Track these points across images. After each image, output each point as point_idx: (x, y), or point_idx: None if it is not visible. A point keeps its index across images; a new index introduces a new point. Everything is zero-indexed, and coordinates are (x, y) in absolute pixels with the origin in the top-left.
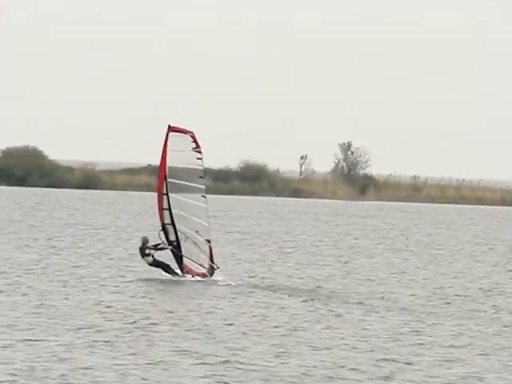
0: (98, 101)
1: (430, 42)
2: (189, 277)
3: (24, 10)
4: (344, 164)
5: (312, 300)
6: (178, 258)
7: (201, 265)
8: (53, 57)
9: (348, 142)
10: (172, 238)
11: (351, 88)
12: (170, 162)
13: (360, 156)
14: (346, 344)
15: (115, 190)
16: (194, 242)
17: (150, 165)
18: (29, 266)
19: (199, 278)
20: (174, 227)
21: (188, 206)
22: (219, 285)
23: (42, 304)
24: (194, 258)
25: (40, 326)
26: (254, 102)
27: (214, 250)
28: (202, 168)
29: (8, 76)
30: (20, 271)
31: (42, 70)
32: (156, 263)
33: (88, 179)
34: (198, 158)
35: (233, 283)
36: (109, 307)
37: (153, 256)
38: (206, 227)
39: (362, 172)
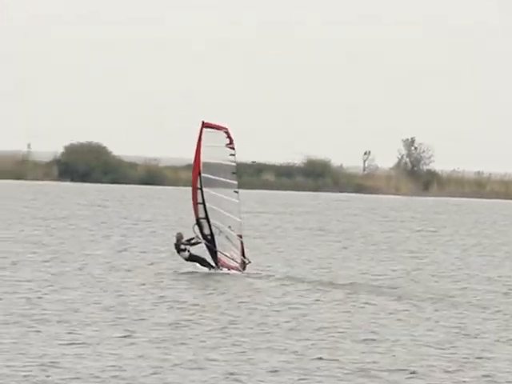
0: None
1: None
2: (224, 270)
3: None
4: (407, 160)
5: (390, 297)
6: (213, 252)
7: (233, 259)
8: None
9: (411, 138)
10: (206, 231)
11: (415, 84)
12: (203, 158)
13: (423, 152)
14: (428, 340)
15: (178, 185)
16: (227, 237)
17: None
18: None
19: (234, 272)
20: (208, 221)
21: (221, 201)
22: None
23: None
24: (227, 252)
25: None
26: (318, 99)
27: (245, 245)
28: (234, 164)
29: (75, 71)
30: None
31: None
32: (192, 258)
33: (151, 175)
34: (231, 154)
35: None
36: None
37: (189, 251)
38: (237, 222)
39: (425, 168)
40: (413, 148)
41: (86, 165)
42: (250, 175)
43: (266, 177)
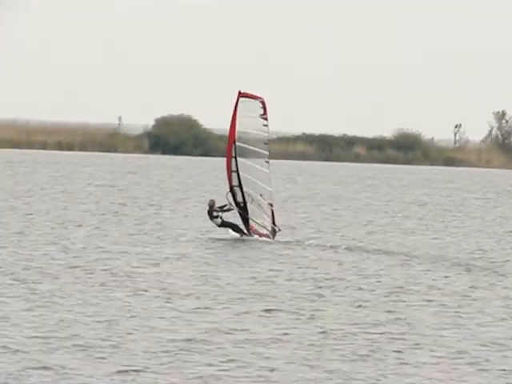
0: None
1: None
2: (256, 237)
3: None
4: (498, 133)
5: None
6: (245, 219)
7: (264, 227)
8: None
9: (502, 111)
10: (239, 199)
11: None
12: (238, 127)
13: None
14: None
15: (270, 158)
16: (259, 205)
17: (304, 133)
18: None
19: (264, 239)
20: (242, 189)
21: (253, 170)
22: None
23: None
24: (259, 219)
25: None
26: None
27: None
28: (267, 134)
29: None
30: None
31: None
32: (225, 224)
33: (241, 147)
34: (264, 125)
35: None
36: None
37: (221, 218)
38: (268, 191)
39: None
40: (504, 121)
41: (176, 138)
42: (342, 148)
43: (356, 150)
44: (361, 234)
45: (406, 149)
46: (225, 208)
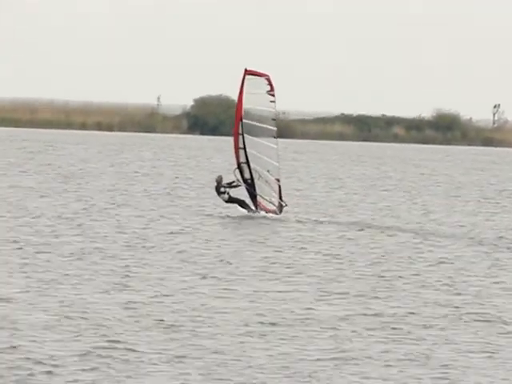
0: (291, 51)
1: None
2: (262, 213)
3: None
4: None
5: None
6: (252, 196)
7: (271, 202)
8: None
9: None
10: (247, 176)
11: None
12: (245, 104)
13: None
14: None
15: (307, 139)
16: (266, 181)
17: (343, 114)
18: None
19: (271, 215)
20: (249, 166)
21: (260, 146)
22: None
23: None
24: (266, 195)
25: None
26: (447, 49)
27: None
28: (274, 110)
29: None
30: None
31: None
32: (232, 200)
33: (280, 128)
34: (272, 101)
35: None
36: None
37: (228, 193)
38: (276, 167)
39: None
40: None
41: (215, 118)
42: (380, 128)
43: (395, 130)
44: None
45: (444, 129)
46: (233, 184)
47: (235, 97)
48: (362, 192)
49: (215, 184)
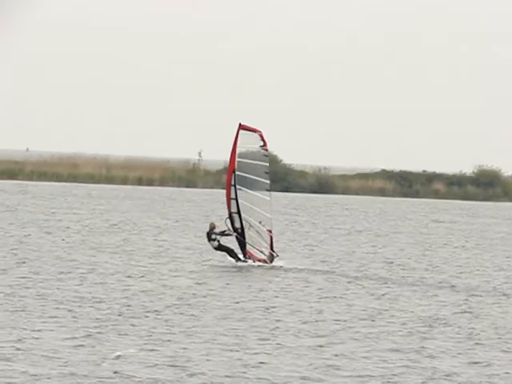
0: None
1: None
2: (250, 262)
3: None
4: None
5: None
6: (242, 244)
7: (262, 252)
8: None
9: None
10: (237, 225)
11: None
12: (239, 157)
13: None
14: None
15: (348, 194)
16: (257, 231)
17: (384, 170)
18: None
19: (260, 264)
20: (240, 216)
21: (253, 198)
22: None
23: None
24: (256, 245)
25: None
26: (488, 106)
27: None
28: (267, 164)
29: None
30: None
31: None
32: (221, 248)
33: (321, 183)
34: (265, 155)
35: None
36: None
37: (218, 241)
38: (268, 218)
39: None
40: None
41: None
42: (421, 184)
43: (436, 186)
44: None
45: (485, 185)
46: (225, 233)
47: (277, 152)
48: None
49: (207, 230)
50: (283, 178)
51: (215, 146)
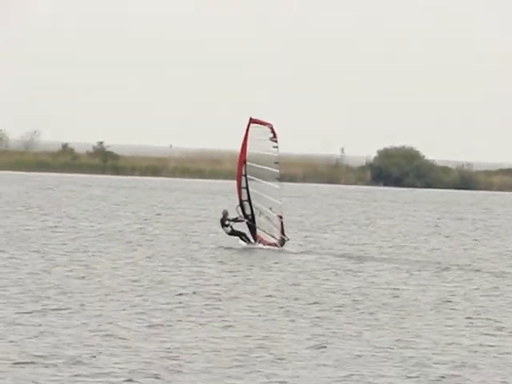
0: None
1: None
2: (260, 245)
3: None
4: None
5: None
6: (252, 229)
7: (272, 236)
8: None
9: None
10: (248, 212)
11: None
12: (249, 149)
13: None
14: None
15: (491, 190)
16: (267, 217)
17: None
18: None
19: (270, 247)
20: (250, 203)
21: (264, 186)
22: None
23: None
24: (267, 230)
25: None
26: None
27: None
28: (277, 154)
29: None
30: None
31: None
32: (234, 232)
33: (464, 180)
34: (274, 147)
35: None
36: None
37: (231, 227)
38: (278, 205)
39: None
40: None
41: (398, 169)
42: None
43: None
44: None
45: None
46: (238, 219)
47: (419, 148)
48: None
49: (221, 217)
50: (426, 174)
51: (358, 142)
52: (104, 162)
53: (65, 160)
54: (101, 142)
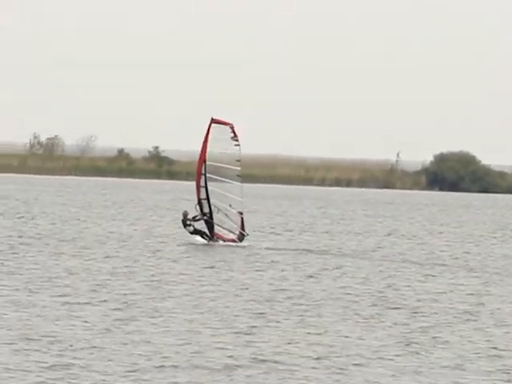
0: None
1: None
2: (220, 242)
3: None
4: None
5: None
6: (210, 227)
7: (231, 232)
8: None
9: None
10: (206, 210)
11: None
12: (210, 147)
13: None
14: None
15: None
16: (226, 214)
17: None
18: None
19: (229, 243)
20: (209, 201)
21: (223, 184)
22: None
23: None
24: (226, 226)
25: None
26: None
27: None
28: (238, 153)
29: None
30: None
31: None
32: (195, 231)
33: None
34: (236, 145)
35: None
36: None
37: (193, 226)
38: (239, 201)
39: None
40: None
41: (454, 174)
42: None
43: None
44: None
45: None
46: (196, 218)
47: (475, 153)
48: None
49: (182, 218)
50: (482, 178)
51: (413, 147)
52: (159, 167)
53: (120, 165)
54: (156, 147)
